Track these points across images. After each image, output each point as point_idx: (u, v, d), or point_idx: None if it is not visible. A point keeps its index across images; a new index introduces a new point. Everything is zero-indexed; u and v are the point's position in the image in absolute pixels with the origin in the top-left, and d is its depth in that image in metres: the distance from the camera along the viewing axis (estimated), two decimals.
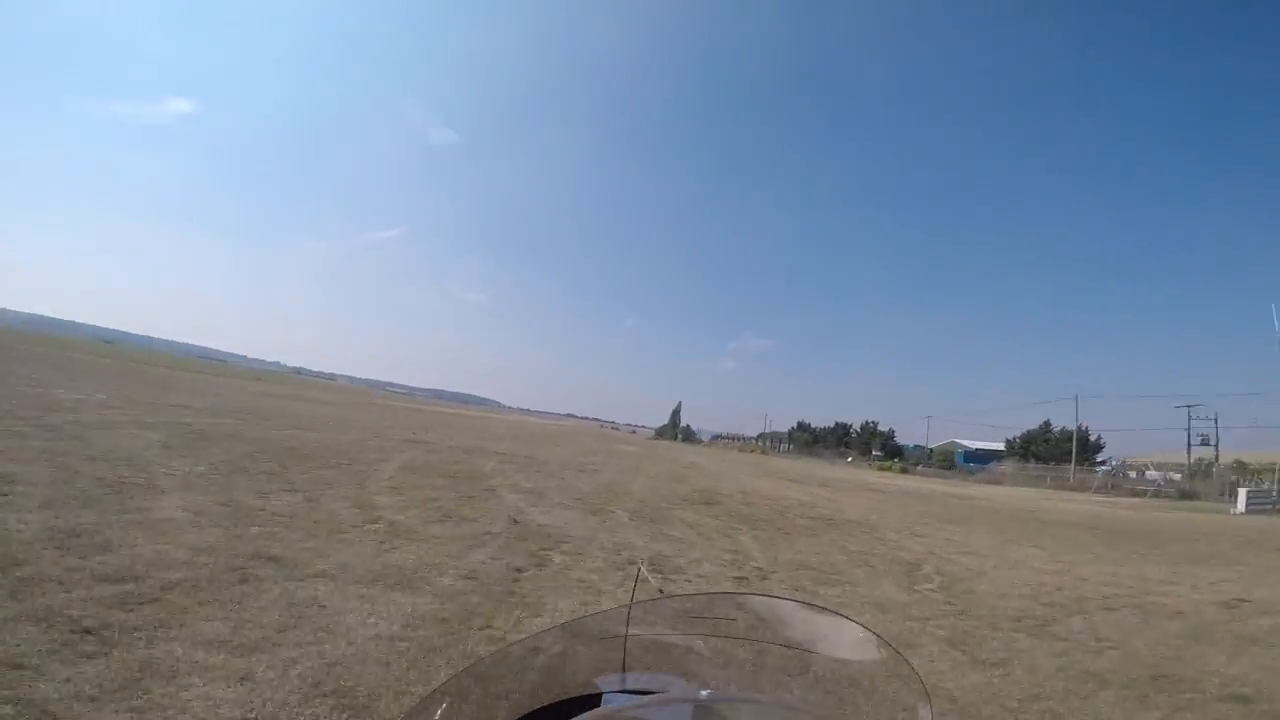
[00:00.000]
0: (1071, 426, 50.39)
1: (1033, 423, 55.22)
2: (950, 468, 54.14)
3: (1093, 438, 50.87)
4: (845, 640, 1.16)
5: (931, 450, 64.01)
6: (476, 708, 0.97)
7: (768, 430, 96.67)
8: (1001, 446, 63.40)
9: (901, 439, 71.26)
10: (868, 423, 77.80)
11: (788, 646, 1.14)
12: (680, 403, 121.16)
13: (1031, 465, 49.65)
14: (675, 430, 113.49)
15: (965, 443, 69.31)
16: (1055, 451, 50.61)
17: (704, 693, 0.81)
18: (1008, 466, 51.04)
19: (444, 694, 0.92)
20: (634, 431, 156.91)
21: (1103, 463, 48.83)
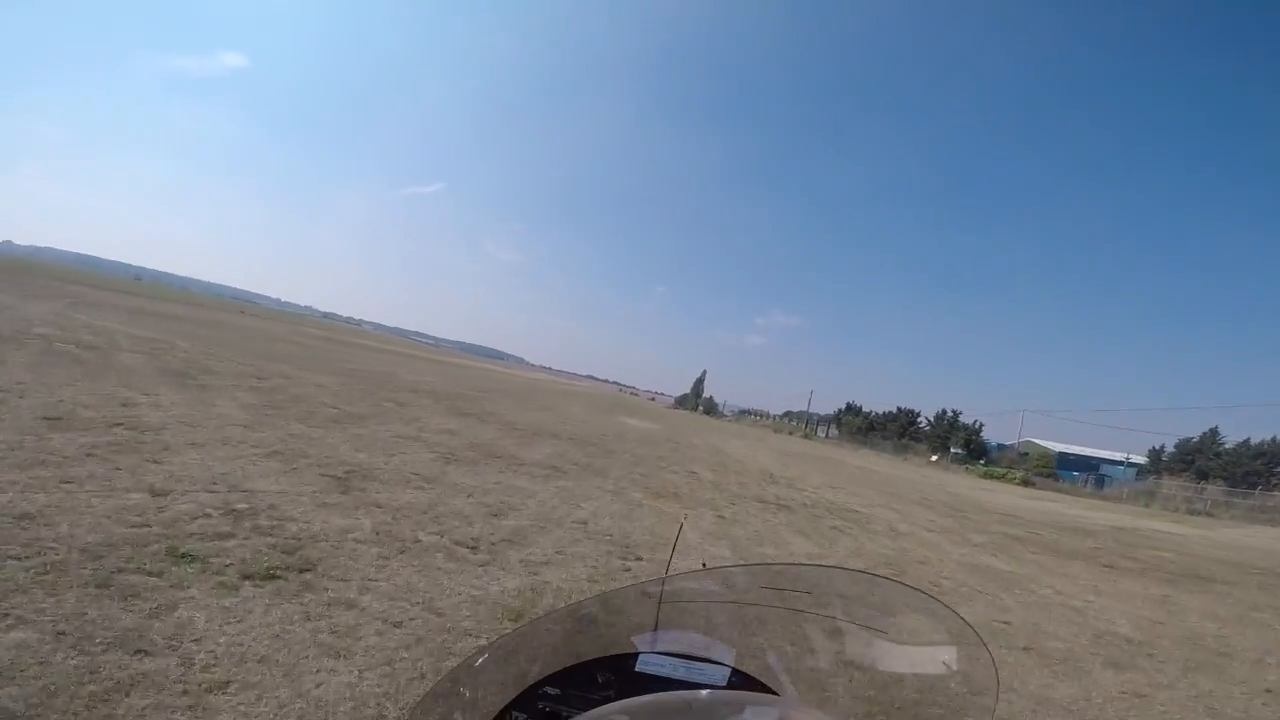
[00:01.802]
0: (1243, 436, 39.44)
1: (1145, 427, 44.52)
2: (1050, 477, 43.59)
3: None
4: (920, 617, 1.12)
5: (1025, 454, 52.47)
6: (520, 663, 1.00)
7: (809, 410, 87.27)
8: (1116, 455, 54.07)
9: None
10: (944, 412, 62.01)
11: (862, 626, 1.11)
12: (704, 372, 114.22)
13: (1211, 487, 35.44)
14: (697, 401, 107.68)
15: (1042, 443, 59.19)
16: (1230, 469, 38.20)
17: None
18: (1170, 485, 37.24)
19: (484, 651, 0.98)
20: (653, 399, 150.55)
21: None
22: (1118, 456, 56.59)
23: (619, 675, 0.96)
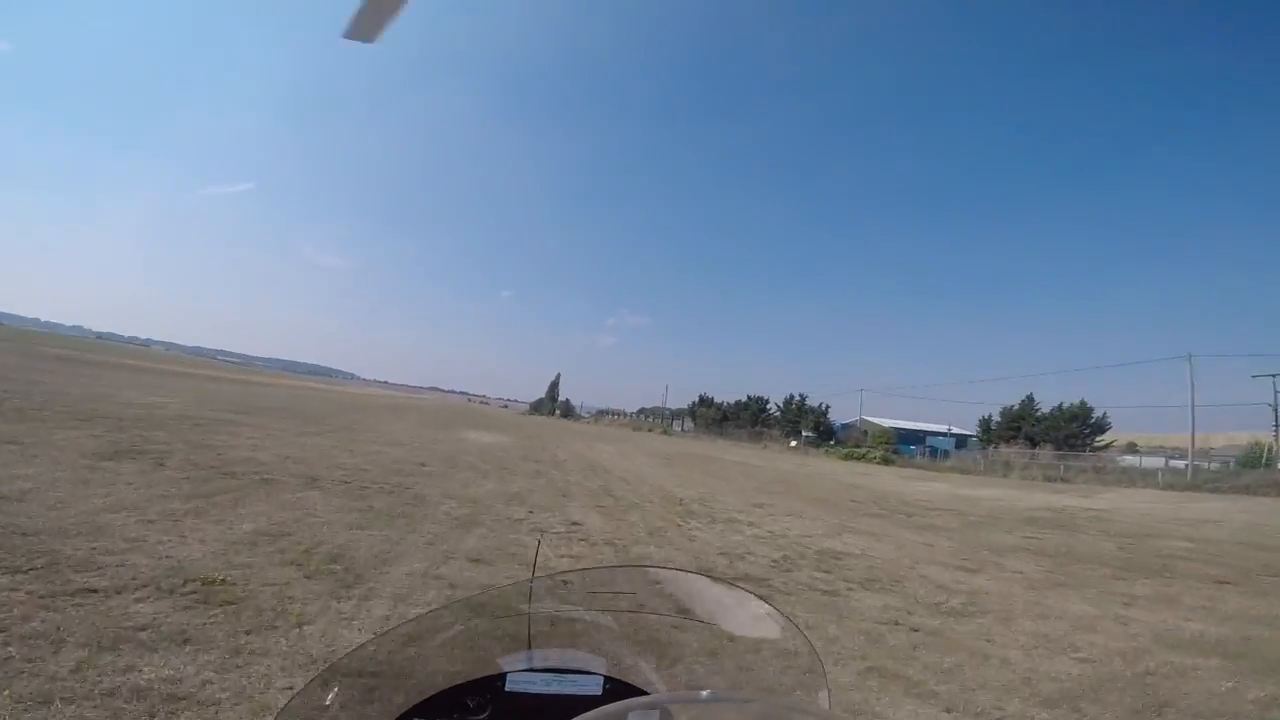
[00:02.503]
0: (1056, 403, 41.97)
1: (966, 400, 47.63)
2: (875, 451, 45.06)
3: (1096, 415, 40.97)
4: (749, 616, 1.16)
5: (865, 432, 54.39)
6: (371, 693, 0.92)
7: (665, 405, 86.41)
8: (940, 428, 57.84)
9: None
10: (792, 396, 61.91)
11: (696, 621, 1.15)
12: (559, 374, 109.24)
13: (1042, 451, 38.41)
14: (553, 404, 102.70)
15: (877, 420, 62.79)
16: (1050, 433, 40.55)
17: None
18: (1007, 452, 39.50)
19: (335, 676, 0.89)
20: (505, 406, 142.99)
21: (1105, 446, 39.71)
22: (940, 428, 62.08)
23: (490, 698, 0.92)
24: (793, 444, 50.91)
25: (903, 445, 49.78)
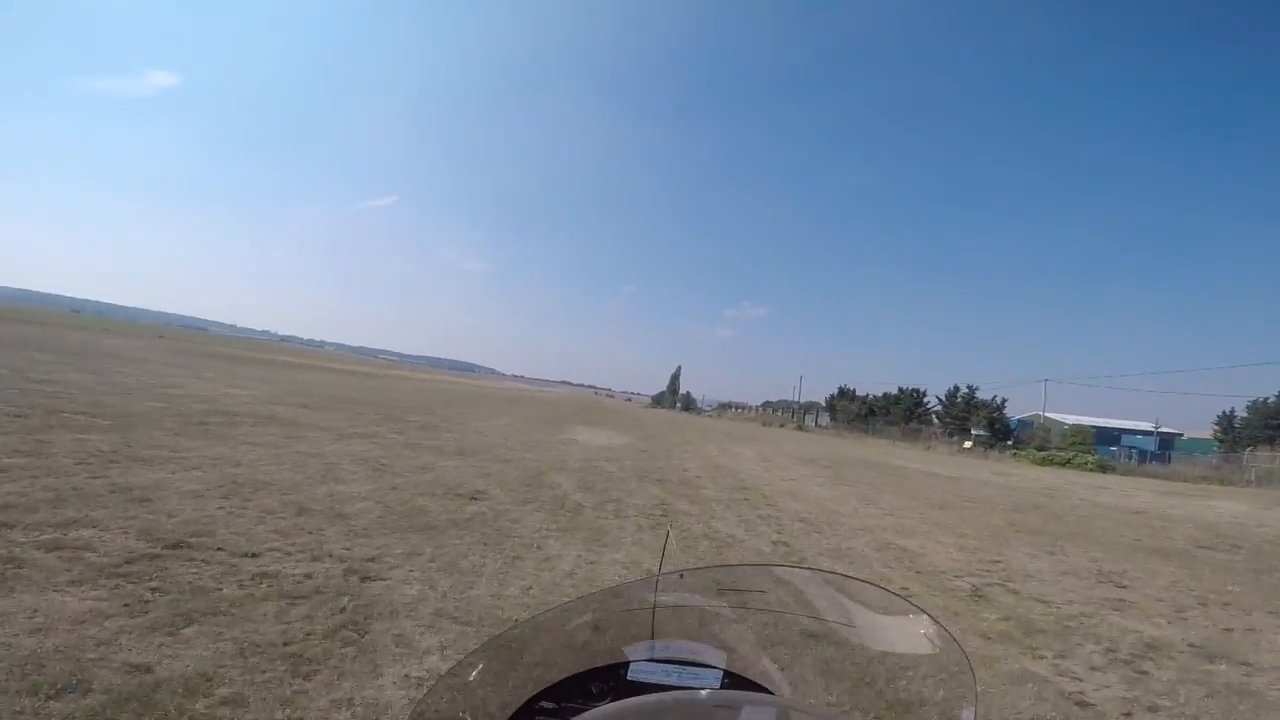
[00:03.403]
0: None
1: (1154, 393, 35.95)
2: (1085, 455, 35.14)
3: None
4: (895, 621, 1.11)
5: (1048, 430, 44.20)
6: (507, 675, 0.97)
7: (797, 398, 78.49)
8: (1141, 425, 46.38)
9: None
10: (956, 389, 51.03)
11: (833, 623, 1.09)
12: (679, 367, 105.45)
13: None
14: (674, 398, 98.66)
15: (1059, 417, 50.96)
16: None
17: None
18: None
19: (478, 658, 0.95)
20: (630, 399, 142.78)
21: None
22: (1142, 426, 49.13)
23: (612, 685, 0.94)
24: (967, 444, 42.12)
25: (1103, 447, 39.11)
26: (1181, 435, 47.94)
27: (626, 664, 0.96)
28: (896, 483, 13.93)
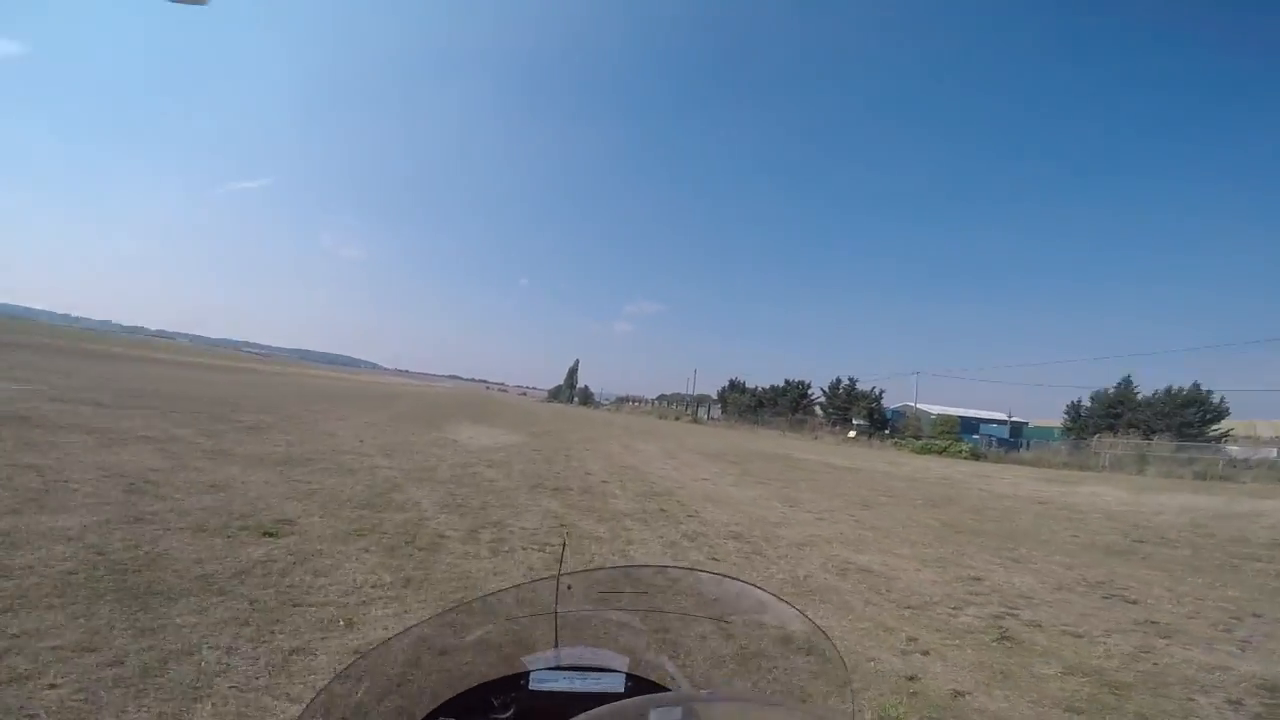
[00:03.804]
0: (1159, 386, 34.42)
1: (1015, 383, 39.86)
2: (959, 444, 37.57)
3: (1215, 399, 33.48)
4: (775, 619, 1.16)
5: (918, 420, 47.09)
6: (395, 693, 0.88)
7: (690, 392, 79.26)
8: (995, 414, 50.84)
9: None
10: (838, 381, 53.73)
11: (722, 621, 1.15)
12: (577, 361, 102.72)
13: (1158, 441, 31.16)
14: (572, 392, 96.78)
15: (926, 408, 55.14)
16: (1164, 420, 33.43)
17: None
18: (1119, 445, 31.58)
19: (359, 674, 0.86)
20: (524, 393, 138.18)
21: (1223, 435, 32.66)
22: (998, 416, 54.45)
23: (514, 696, 0.90)
24: (851, 434, 43.98)
25: (967, 434, 42.57)
26: (1028, 424, 53.45)
27: (528, 673, 0.92)
28: (805, 478, 13.17)
